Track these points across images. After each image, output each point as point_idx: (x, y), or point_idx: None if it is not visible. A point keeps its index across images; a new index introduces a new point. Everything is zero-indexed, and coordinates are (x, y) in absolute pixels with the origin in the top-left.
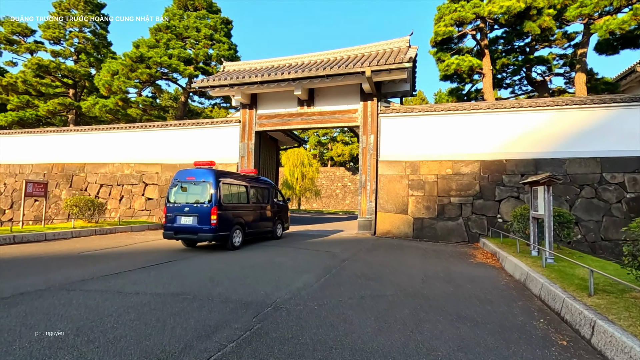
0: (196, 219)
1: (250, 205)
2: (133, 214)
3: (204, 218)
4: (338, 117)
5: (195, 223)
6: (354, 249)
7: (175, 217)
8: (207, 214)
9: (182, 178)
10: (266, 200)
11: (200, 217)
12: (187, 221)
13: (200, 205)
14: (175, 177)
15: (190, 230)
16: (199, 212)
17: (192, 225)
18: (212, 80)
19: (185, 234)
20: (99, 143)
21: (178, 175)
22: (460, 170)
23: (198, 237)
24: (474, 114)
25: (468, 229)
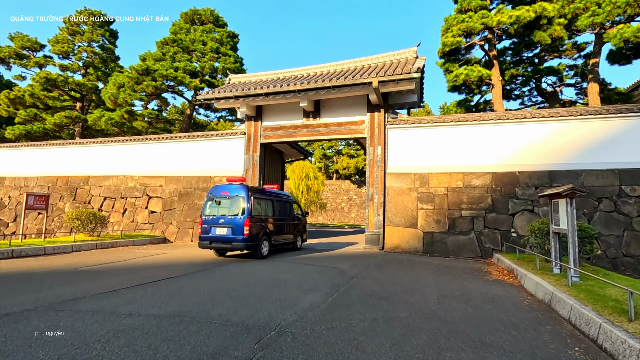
0: (230, 230)
1: (275, 218)
2: (136, 228)
3: (238, 229)
4: (344, 128)
5: (229, 234)
6: (363, 264)
7: (210, 228)
8: (240, 225)
9: (216, 193)
10: (288, 214)
11: (234, 228)
12: (222, 232)
13: (233, 217)
14: (210, 192)
15: (224, 240)
16: (233, 223)
17: (226, 235)
18: (218, 92)
19: (219, 244)
20: (103, 156)
21: (213, 190)
22: (471, 183)
23: (231, 247)
24: (485, 125)
25: (481, 244)
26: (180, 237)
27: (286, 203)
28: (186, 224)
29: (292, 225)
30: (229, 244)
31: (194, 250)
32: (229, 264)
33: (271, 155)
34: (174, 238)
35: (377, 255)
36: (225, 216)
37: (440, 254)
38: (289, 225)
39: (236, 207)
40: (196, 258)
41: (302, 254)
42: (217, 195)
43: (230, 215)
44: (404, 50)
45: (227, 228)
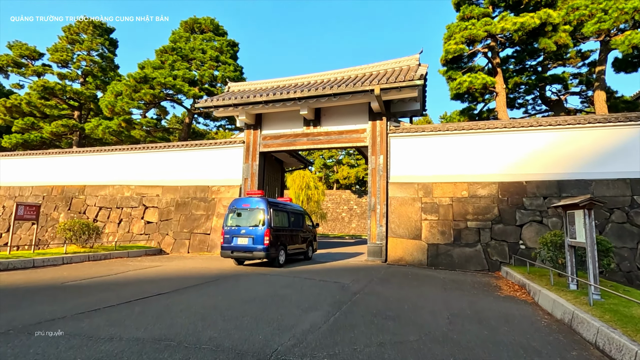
0: (251, 240)
1: (290, 229)
2: (131, 239)
3: (258, 239)
4: (346, 137)
5: (250, 243)
6: (365, 279)
7: (232, 238)
8: (261, 235)
9: (238, 205)
10: (301, 225)
11: (254, 238)
12: (243, 242)
13: (254, 228)
14: (231, 205)
15: (245, 249)
16: (254, 234)
17: (247, 245)
18: (216, 100)
19: (241, 253)
20: (100, 165)
21: (234, 203)
22: (476, 193)
23: (252, 255)
24: (490, 134)
25: (488, 256)
26: (177, 249)
27: (299, 215)
28: (183, 234)
29: (304, 235)
30: (250, 253)
31: (190, 263)
32: (225, 279)
33: (271, 164)
34: (170, 249)
35: (380, 268)
36: (247, 227)
37: (445, 267)
38: (302, 235)
39: (257, 218)
40: (191, 271)
41: (301, 267)
42: (238, 207)
43: (251, 226)
44: (406, 57)
45: (248, 238)
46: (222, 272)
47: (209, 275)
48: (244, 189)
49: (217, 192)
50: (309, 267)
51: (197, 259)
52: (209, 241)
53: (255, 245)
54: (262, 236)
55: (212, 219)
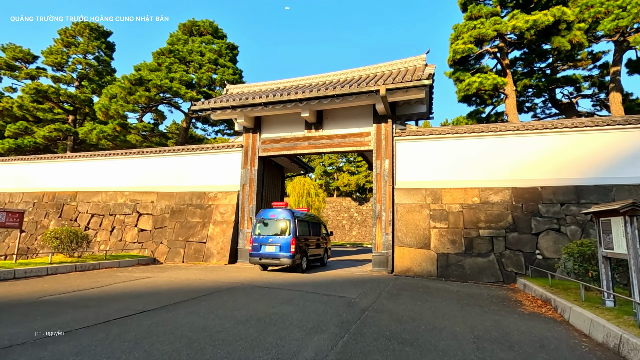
0: (278, 248)
1: (311, 237)
2: (124, 247)
3: (285, 247)
4: (349, 140)
5: (277, 251)
6: (373, 293)
7: (260, 246)
8: (287, 243)
9: (265, 216)
10: (318, 233)
11: (281, 246)
12: (270, 249)
13: (281, 237)
14: (259, 215)
15: (272, 256)
16: (281, 242)
17: (274, 252)
18: (214, 102)
19: (268, 259)
20: (93, 170)
21: (262, 213)
22: (488, 199)
23: (279, 262)
24: (502, 137)
25: (502, 267)
26: (171, 258)
27: (317, 224)
28: (178, 243)
29: (321, 243)
30: (278, 260)
31: (183, 274)
32: (220, 293)
33: (270, 169)
34: (164, 259)
35: (387, 280)
36: (274, 236)
37: (456, 279)
38: (319, 243)
39: (283, 228)
40: (183, 284)
41: (303, 279)
42: (265, 217)
43: (278, 235)
44: (412, 57)
45: (275, 246)
46: (217, 285)
47: (203, 288)
48: (242, 196)
49: (214, 199)
50: (316, 275)
51: (191, 269)
52: (205, 250)
53: (282, 252)
54: (289, 244)
55: (208, 227)
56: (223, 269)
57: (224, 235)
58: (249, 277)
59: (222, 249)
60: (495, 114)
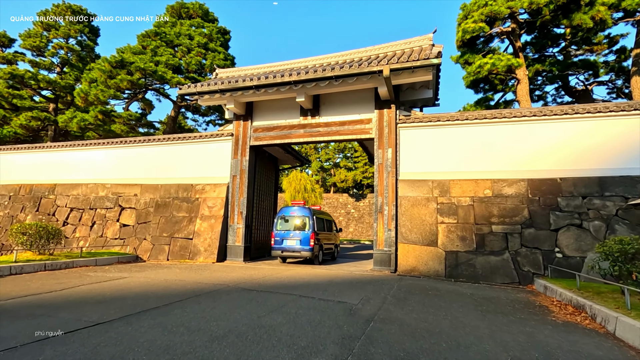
0: (299, 242)
1: (325, 233)
2: (105, 243)
3: (305, 241)
4: (348, 128)
5: (298, 245)
6: (377, 297)
7: (282, 241)
8: (307, 238)
9: (286, 213)
10: (331, 229)
11: (301, 240)
12: (292, 243)
13: (301, 232)
14: (280, 212)
15: (293, 250)
16: (301, 236)
17: (295, 246)
18: (200, 86)
19: (289, 252)
20: (72, 161)
21: (282, 211)
22: (502, 192)
23: (300, 255)
24: (517, 123)
25: (518, 267)
26: (155, 256)
27: (330, 221)
28: (162, 239)
29: (333, 238)
30: (298, 253)
31: (164, 274)
32: (199, 298)
33: (263, 160)
34: (148, 256)
35: (391, 281)
36: (294, 231)
37: (467, 279)
38: (332, 238)
39: (303, 224)
40: (160, 286)
41: (296, 280)
42: (286, 215)
43: (299, 230)
44: (418, 37)
45: (296, 240)
46: (198, 287)
47: (181, 292)
48: (232, 188)
49: (202, 192)
50: (312, 275)
51: (174, 268)
52: (191, 247)
53: (303, 246)
54: (309, 238)
55: (195, 222)
56: (209, 268)
57: (212, 231)
58: (237, 278)
59: (209, 245)
60: (505, 102)
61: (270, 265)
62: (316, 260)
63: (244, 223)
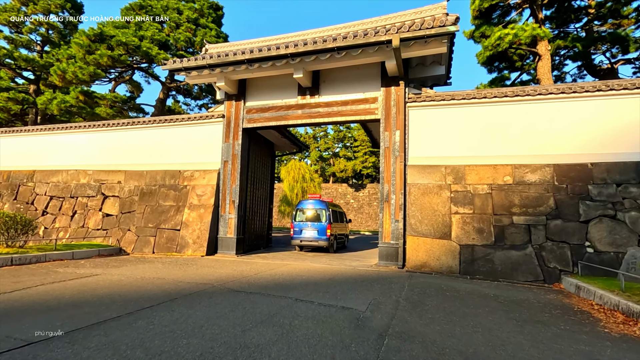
0: (316, 232)
1: (338, 224)
2: (86, 235)
3: (322, 231)
4: (351, 108)
5: (315, 235)
6: (387, 300)
7: (300, 231)
8: (324, 228)
9: (304, 206)
10: (343, 220)
11: (319, 231)
12: (310, 234)
13: (319, 223)
14: (298, 205)
15: (311, 239)
16: (319, 227)
17: (313, 236)
18: (187, 61)
19: (307, 242)
20: (52, 146)
21: (300, 204)
22: (524, 179)
23: (317, 244)
24: (542, 102)
25: (542, 263)
26: (140, 248)
27: (342, 213)
28: (147, 230)
29: (344, 228)
30: (316, 242)
31: (143, 270)
32: (174, 303)
33: (258, 145)
34: (132, 248)
35: (400, 278)
36: (312, 222)
37: (484, 276)
38: (343, 228)
39: (320, 215)
40: (131, 287)
41: (293, 278)
42: (304, 207)
43: (316, 222)
44: (429, 6)
45: (314, 231)
46: (177, 288)
47: (155, 294)
48: (223, 175)
49: (190, 179)
50: (311, 270)
51: (157, 263)
52: (179, 239)
53: (320, 236)
54: (325, 229)
55: (183, 212)
56: (197, 263)
57: (202, 221)
58: (225, 275)
59: (198, 237)
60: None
61: (265, 260)
62: (331, 249)
63: (237, 213)
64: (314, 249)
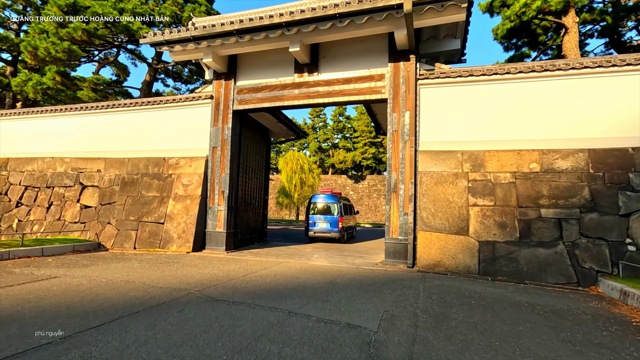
0: (329, 224)
1: (348, 216)
2: (63, 228)
3: (334, 224)
4: (354, 87)
5: (328, 227)
6: (402, 313)
7: (314, 223)
8: (336, 221)
9: (317, 200)
10: (351, 212)
11: (331, 223)
12: (323, 226)
13: (331, 216)
14: (311, 199)
15: (324, 231)
16: (331, 220)
17: (326, 228)
18: (169, 34)
19: (320, 233)
20: (27, 132)
21: (313, 198)
22: (554, 166)
23: (330, 235)
24: (575, 77)
25: (576, 262)
26: (120, 243)
27: (351, 205)
28: (128, 224)
29: (353, 220)
30: (329, 234)
31: (116, 271)
32: (132, 319)
33: (251, 130)
34: (112, 243)
35: (412, 280)
36: (325, 215)
37: (507, 277)
38: (352, 220)
39: (332, 209)
40: (90, 294)
41: (287, 281)
42: (317, 201)
43: (329, 215)
44: None
45: (327, 223)
46: (145, 296)
47: (115, 304)
48: (212, 162)
49: (176, 167)
50: (311, 269)
51: (134, 261)
52: (163, 233)
53: (332, 228)
54: (337, 221)
55: (167, 203)
56: (180, 261)
57: (188, 214)
58: (207, 278)
59: (184, 232)
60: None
61: (257, 257)
62: (342, 240)
63: (227, 205)
64: (325, 239)
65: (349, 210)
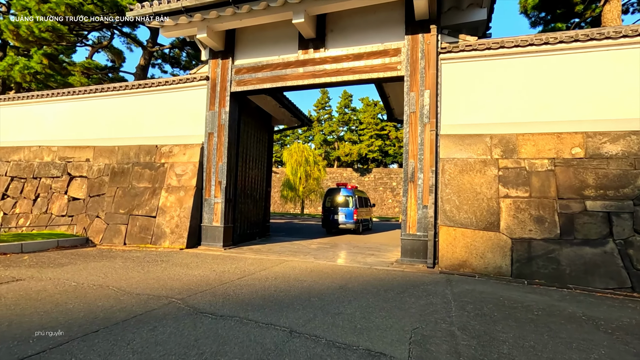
0: (344, 216)
1: (363, 208)
2: (49, 222)
3: (349, 215)
4: (366, 64)
5: (344, 219)
6: (435, 332)
7: (330, 215)
8: (351, 213)
9: (333, 193)
10: (367, 205)
11: (346, 215)
12: (338, 218)
13: (346, 209)
14: (327, 192)
15: (340, 223)
16: (346, 212)
17: (341, 220)
18: (158, 5)
19: (338, 225)
20: (13, 119)
21: (328, 192)
22: (601, 150)
23: (345, 227)
24: (627, 47)
25: (630, 264)
26: (109, 238)
27: (366, 199)
28: (118, 217)
29: (368, 212)
30: (344, 225)
31: (94, 271)
32: (85, 343)
33: (251, 116)
34: (100, 239)
35: (437, 285)
36: (340, 208)
37: (546, 280)
38: (368, 212)
39: (347, 201)
40: (42, 307)
41: (289, 284)
42: (332, 195)
43: (344, 207)
44: None
45: (342, 215)
46: (113, 308)
47: (70, 320)
48: (208, 150)
49: (169, 155)
50: (319, 269)
51: (119, 259)
52: (155, 228)
53: (348, 220)
54: (352, 213)
55: (159, 195)
56: (170, 259)
57: (181, 207)
58: (197, 281)
59: (177, 226)
60: None
61: (257, 254)
62: (358, 231)
63: (224, 197)
64: (341, 231)
65: (365, 203)
